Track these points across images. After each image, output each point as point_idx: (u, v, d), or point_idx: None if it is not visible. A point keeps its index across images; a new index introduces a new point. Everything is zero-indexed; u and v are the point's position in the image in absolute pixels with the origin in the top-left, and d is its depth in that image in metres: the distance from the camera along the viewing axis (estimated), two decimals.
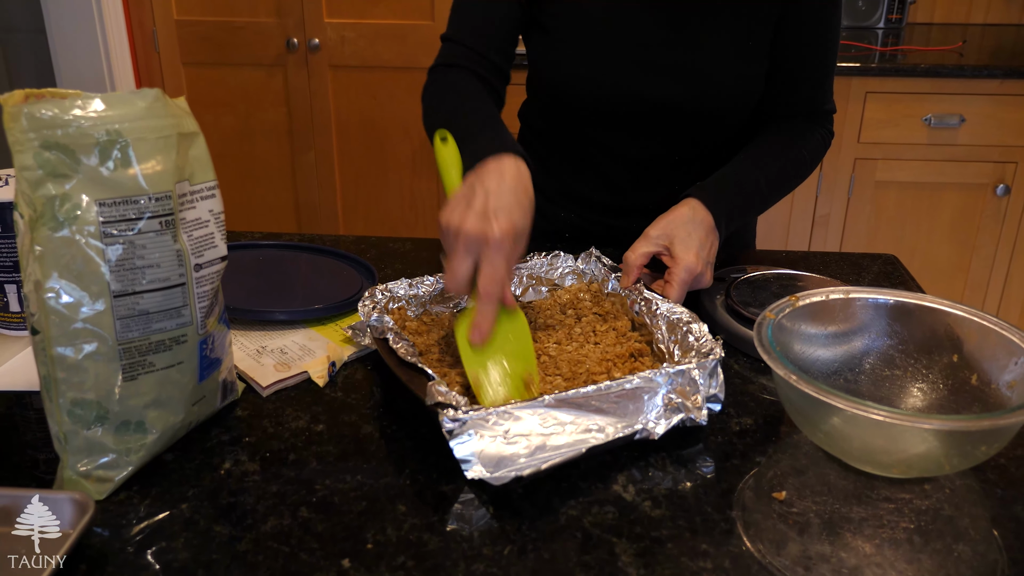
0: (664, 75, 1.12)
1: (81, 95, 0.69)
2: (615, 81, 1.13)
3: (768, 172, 1.12)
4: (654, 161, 1.20)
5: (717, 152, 1.20)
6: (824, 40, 1.15)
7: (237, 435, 0.83)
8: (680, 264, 0.97)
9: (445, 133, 0.96)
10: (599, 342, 0.94)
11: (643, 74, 1.13)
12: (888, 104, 2.40)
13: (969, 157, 2.45)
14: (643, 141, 1.19)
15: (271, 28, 2.57)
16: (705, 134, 1.18)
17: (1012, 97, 2.38)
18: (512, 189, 0.87)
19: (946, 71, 2.37)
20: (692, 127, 1.17)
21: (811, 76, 1.17)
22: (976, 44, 2.66)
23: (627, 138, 1.19)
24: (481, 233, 0.82)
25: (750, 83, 1.14)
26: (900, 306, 0.85)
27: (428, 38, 2.53)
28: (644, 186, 1.22)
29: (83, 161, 0.68)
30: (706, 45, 1.11)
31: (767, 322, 0.80)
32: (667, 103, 1.14)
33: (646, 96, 1.14)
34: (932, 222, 2.53)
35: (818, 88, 1.18)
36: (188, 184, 0.75)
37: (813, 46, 1.14)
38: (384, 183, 2.71)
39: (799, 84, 1.17)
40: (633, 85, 1.13)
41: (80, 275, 0.70)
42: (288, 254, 1.18)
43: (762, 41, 1.13)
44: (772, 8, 1.11)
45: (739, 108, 1.16)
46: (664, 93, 1.13)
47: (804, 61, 1.15)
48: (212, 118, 2.70)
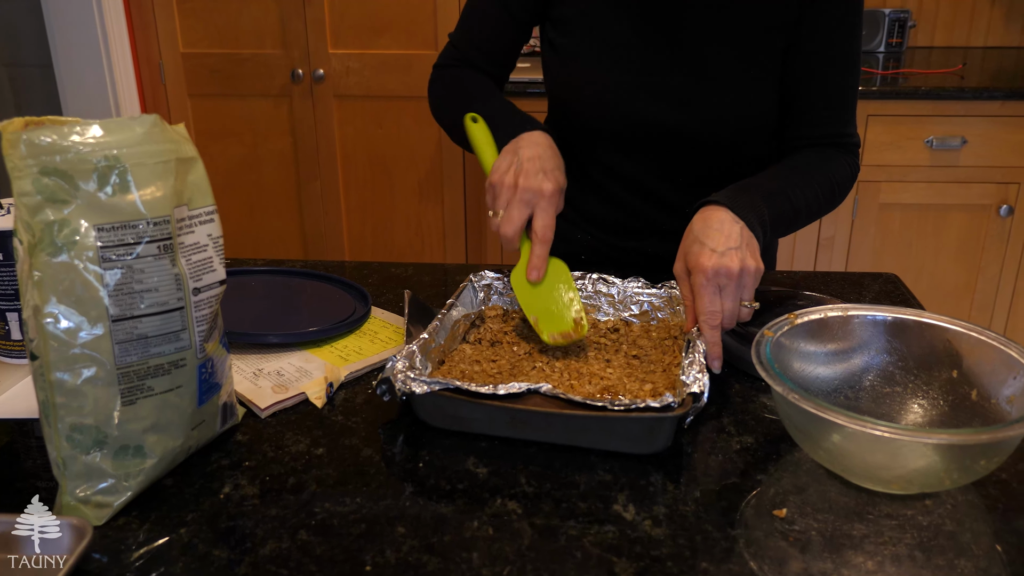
0: (668, 100, 1.13)
1: (80, 122, 0.70)
2: (621, 104, 1.14)
3: (792, 183, 1.07)
4: (663, 184, 1.20)
5: (729, 178, 1.14)
6: (841, 74, 1.11)
7: (237, 459, 0.83)
8: (694, 271, 0.92)
9: (475, 115, 1.06)
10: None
11: (648, 98, 1.13)
12: (890, 127, 2.41)
13: (972, 178, 2.45)
14: (650, 164, 1.19)
15: (276, 59, 2.60)
16: (711, 160, 1.17)
17: (1013, 118, 2.38)
18: (551, 155, 1.02)
19: (947, 93, 2.37)
20: (697, 153, 1.16)
21: (827, 108, 1.13)
22: (977, 66, 2.67)
23: (635, 161, 1.19)
24: (538, 188, 0.98)
25: (754, 112, 1.13)
26: (898, 323, 0.85)
27: None
28: (655, 208, 1.22)
29: (81, 186, 0.69)
30: (710, 72, 1.11)
31: (765, 340, 0.79)
32: (671, 128, 1.14)
33: (651, 120, 1.14)
34: (937, 243, 2.53)
35: (835, 121, 1.14)
36: (187, 209, 0.76)
37: (826, 78, 1.11)
38: (390, 211, 2.73)
39: (816, 116, 1.13)
40: (638, 109, 1.14)
41: (79, 300, 0.70)
42: (285, 279, 1.18)
43: (768, 71, 1.11)
44: (778, 39, 1.10)
45: (744, 136, 1.14)
46: (668, 118, 1.13)
47: (817, 93, 1.12)
48: (219, 149, 2.73)
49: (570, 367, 0.92)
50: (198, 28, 2.61)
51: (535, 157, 1.00)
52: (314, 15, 2.54)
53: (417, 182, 2.69)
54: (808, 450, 0.78)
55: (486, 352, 0.96)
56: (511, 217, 0.98)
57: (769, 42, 1.10)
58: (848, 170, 1.14)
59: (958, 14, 2.90)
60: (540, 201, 0.98)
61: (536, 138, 1.03)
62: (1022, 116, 2.38)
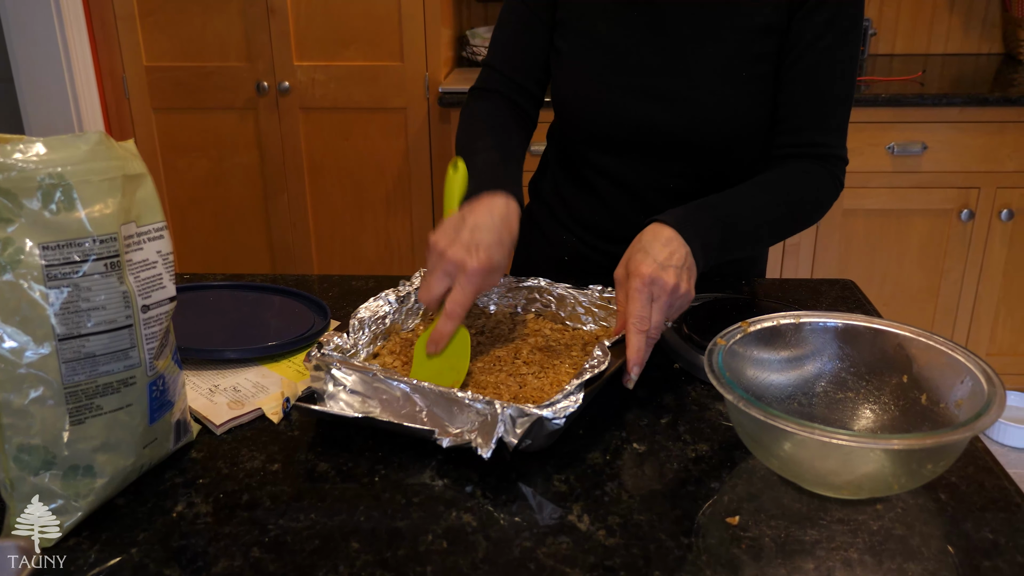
0: (659, 102, 1.13)
1: (23, 139, 0.69)
2: (613, 104, 1.15)
3: (754, 203, 1.07)
4: (652, 189, 1.21)
5: (718, 185, 1.15)
6: (825, 82, 1.10)
7: (191, 477, 0.82)
8: (632, 274, 0.93)
9: (458, 161, 1.05)
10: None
11: (639, 100, 1.14)
12: (852, 133, 2.40)
13: (933, 184, 2.48)
14: (640, 167, 1.19)
15: (241, 72, 2.59)
16: (699, 165, 1.17)
17: (972, 124, 2.42)
18: (497, 227, 0.97)
19: (907, 100, 2.41)
20: (686, 156, 1.16)
21: (812, 117, 1.11)
22: (936, 73, 2.71)
23: (625, 163, 1.20)
24: (461, 262, 0.94)
25: (744, 115, 1.12)
26: (849, 329, 0.86)
27: (398, 79, 2.55)
28: (642, 213, 1.22)
29: (25, 204, 0.69)
30: (700, 76, 1.12)
31: (718, 349, 0.80)
32: (661, 130, 1.14)
33: (642, 121, 1.15)
34: (900, 248, 2.56)
35: (820, 131, 1.11)
36: (135, 226, 0.76)
37: (813, 87, 1.10)
38: (358, 223, 2.72)
39: (800, 124, 1.12)
40: (630, 110, 1.15)
41: (24, 319, 0.70)
42: (243, 294, 1.18)
43: (759, 77, 1.11)
44: (768, 44, 1.10)
45: (732, 141, 1.14)
46: (658, 119, 1.14)
47: (800, 100, 1.11)
48: (185, 163, 2.71)
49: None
50: (162, 41, 2.59)
51: (477, 227, 0.96)
52: (279, 27, 2.53)
53: (385, 194, 2.68)
54: (761, 458, 0.79)
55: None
56: (428, 285, 0.95)
57: (759, 47, 1.10)
58: (827, 185, 1.12)
59: (918, 22, 2.95)
60: (460, 276, 0.94)
61: (493, 205, 0.99)
62: (981, 122, 2.42)
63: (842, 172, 1.14)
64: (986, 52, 2.96)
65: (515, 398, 0.88)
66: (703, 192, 1.11)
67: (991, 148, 2.44)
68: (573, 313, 1.07)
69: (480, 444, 0.79)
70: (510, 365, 0.96)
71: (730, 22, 1.10)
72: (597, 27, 1.15)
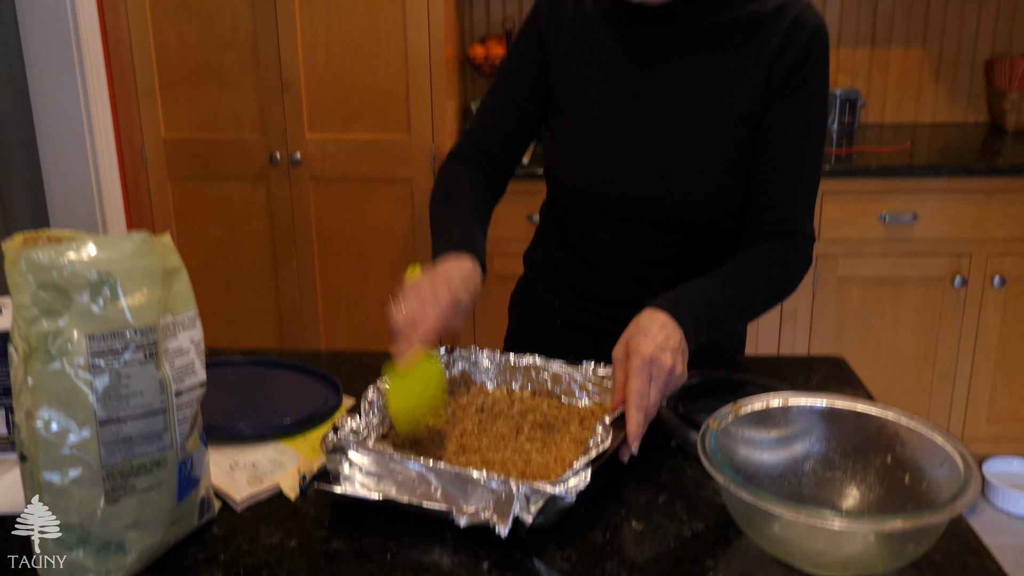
0: (646, 180, 1.22)
1: (75, 238, 0.76)
2: (604, 181, 1.24)
3: (734, 285, 1.15)
4: (638, 257, 1.28)
5: (699, 255, 1.25)
6: (794, 168, 1.19)
7: (213, 553, 0.87)
8: (633, 354, 0.99)
9: (416, 266, 1.14)
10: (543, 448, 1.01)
11: (628, 177, 1.23)
12: (845, 203, 2.52)
13: (925, 251, 2.55)
14: (627, 238, 1.27)
15: (255, 144, 2.68)
16: (684, 238, 1.25)
17: (960, 193, 2.50)
18: (464, 278, 1.10)
19: (897, 171, 2.49)
20: (670, 229, 1.24)
21: (781, 197, 1.20)
22: (925, 143, 2.80)
23: (614, 233, 1.28)
24: (432, 292, 1.06)
25: (724, 196, 1.21)
26: (835, 411, 0.91)
27: (405, 151, 2.64)
28: (629, 280, 1.30)
29: (75, 299, 0.75)
30: (682, 157, 1.21)
31: (710, 431, 0.85)
32: (647, 205, 1.23)
33: (630, 197, 1.23)
34: (896, 316, 2.62)
35: (790, 210, 1.20)
36: (171, 315, 0.82)
37: (783, 172, 1.19)
38: (364, 290, 2.78)
39: (772, 205, 1.20)
40: (619, 186, 1.24)
41: (68, 404, 0.75)
42: (259, 370, 1.24)
43: (737, 160, 1.20)
44: (744, 130, 1.19)
45: (713, 217, 1.22)
46: (645, 195, 1.23)
47: (774, 182, 1.19)
48: (197, 230, 2.79)
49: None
50: (180, 114, 2.69)
51: (448, 272, 1.09)
52: (292, 101, 2.63)
53: (390, 262, 2.75)
54: (753, 537, 0.83)
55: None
56: (399, 307, 1.05)
57: (738, 133, 1.19)
58: (799, 264, 1.20)
59: (905, 93, 3.05)
60: (430, 303, 1.04)
61: (461, 262, 1.13)
62: (969, 191, 2.50)
63: (810, 249, 1.22)
64: (972, 121, 3.06)
65: (522, 475, 0.93)
66: (687, 261, 1.23)
67: (980, 216, 2.52)
68: (568, 389, 1.13)
69: (497, 522, 0.84)
70: (513, 442, 1.01)
71: (713, 110, 1.19)
72: (591, 112, 1.25)
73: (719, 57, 1.19)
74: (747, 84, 1.18)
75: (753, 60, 1.18)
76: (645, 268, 1.28)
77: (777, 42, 1.17)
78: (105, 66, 2.68)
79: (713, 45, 1.19)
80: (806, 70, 1.17)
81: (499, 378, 1.16)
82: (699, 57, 1.19)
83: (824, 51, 1.18)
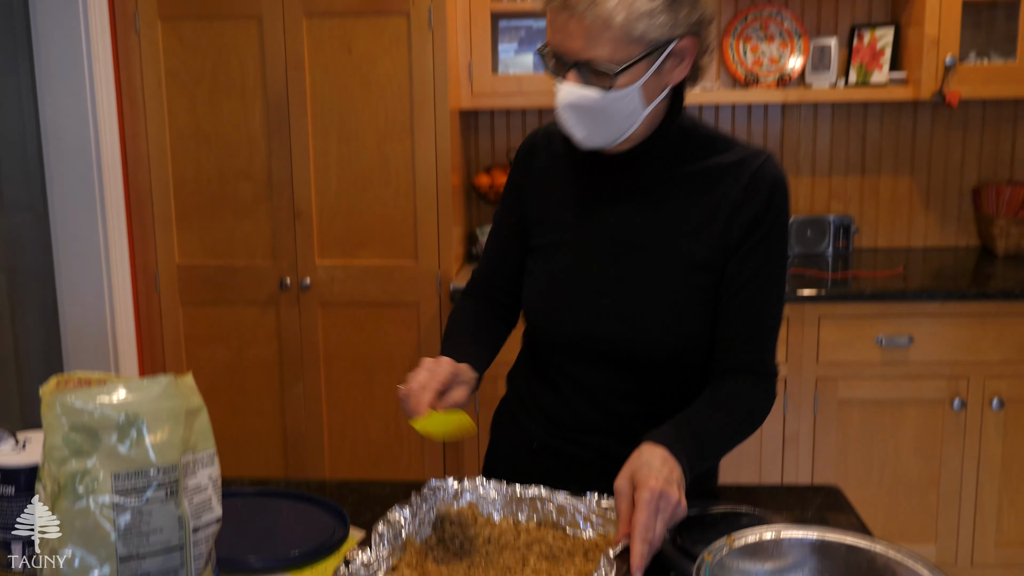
0: (605, 316, 1.30)
1: (107, 382, 0.81)
2: (572, 319, 1.32)
3: (716, 420, 1.22)
4: (603, 390, 1.34)
5: (664, 390, 1.32)
6: (758, 314, 1.27)
7: None
8: (641, 486, 1.04)
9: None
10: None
11: (594, 316, 1.30)
12: (841, 326, 2.58)
13: (923, 374, 2.59)
14: (595, 372, 1.34)
15: (266, 270, 2.78)
16: (651, 375, 1.31)
17: (954, 317, 2.56)
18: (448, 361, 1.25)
19: (891, 295, 2.56)
20: (635, 366, 1.31)
21: (748, 342, 1.28)
22: (918, 267, 2.89)
23: (583, 368, 1.34)
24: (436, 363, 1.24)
25: (683, 336, 1.28)
26: (825, 544, 0.94)
27: (412, 277, 2.73)
28: (597, 410, 1.36)
29: (104, 440, 0.80)
30: (646, 299, 1.28)
31: (705, 564, 0.88)
32: (612, 343, 1.30)
33: (596, 335, 1.30)
34: (897, 438, 2.63)
35: (756, 352, 1.28)
36: (192, 454, 0.86)
37: (748, 318, 1.27)
38: (370, 414, 2.82)
39: (738, 347, 1.28)
40: (586, 324, 1.31)
41: (91, 541, 0.79)
42: (266, 501, 1.27)
43: (697, 303, 1.27)
44: (705, 278, 1.27)
45: (675, 356, 1.29)
46: (603, 331, 1.30)
47: (740, 327, 1.27)
48: (206, 354, 2.85)
49: None
50: (194, 241, 2.80)
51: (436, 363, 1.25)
52: (304, 229, 2.74)
53: (396, 385, 2.80)
54: None
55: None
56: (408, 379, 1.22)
57: (697, 279, 1.27)
58: (764, 398, 1.29)
59: (896, 218, 3.16)
60: (436, 372, 1.22)
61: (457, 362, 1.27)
62: (962, 315, 2.56)
63: (774, 385, 1.30)
64: (963, 245, 3.15)
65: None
66: (653, 395, 1.31)
67: (974, 339, 2.57)
68: (572, 520, 1.16)
69: None
70: (520, 574, 1.04)
71: (672, 257, 1.27)
72: (559, 253, 1.34)
73: (680, 206, 1.27)
74: (706, 234, 1.26)
75: (713, 212, 1.26)
76: (613, 401, 1.34)
77: (737, 195, 1.25)
78: (124, 195, 2.80)
79: (674, 194, 1.28)
80: (766, 223, 1.25)
81: (505, 509, 1.19)
82: (660, 205, 1.28)
83: (783, 203, 1.27)
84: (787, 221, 1.28)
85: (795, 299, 2.52)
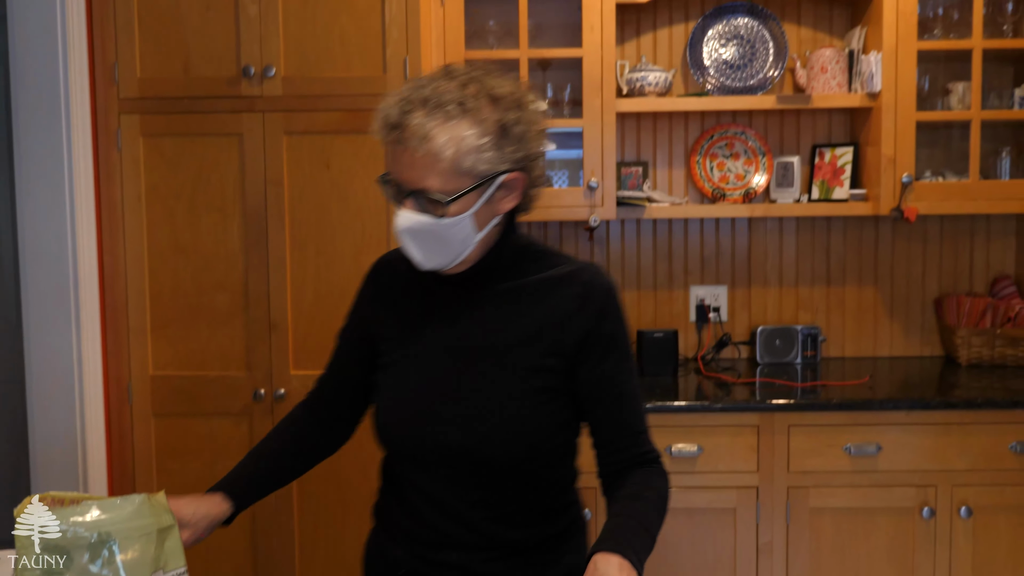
0: (448, 423, 1.34)
1: (81, 503, 0.83)
2: (417, 429, 1.37)
3: (642, 512, 1.28)
4: (458, 501, 1.37)
5: (514, 496, 1.36)
6: (628, 415, 1.36)
7: None
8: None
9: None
10: None
11: (438, 424, 1.35)
12: (810, 435, 2.61)
13: (891, 482, 2.62)
14: (446, 483, 1.37)
15: (240, 381, 2.78)
16: (493, 478, 1.35)
17: (920, 426, 2.60)
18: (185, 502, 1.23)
19: (858, 404, 2.61)
20: (479, 471, 1.35)
21: (625, 440, 1.36)
22: (885, 377, 2.95)
23: (433, 479, 1.38)
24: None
25: (529, 440, 1.33)
26: None
27: None
28: (450, 521, 1.38)
29: (75, 560, 0.81)
30: (482, 401, 1.34)
31: None
32: (458, 450, 1.34)
33: (441, 443, 1.35)
34: (869, 546, 2.64)
35: (635, 446, 1.37)
36: (162, 572, 0.87)
37: (619, 421, 1.36)
38: (343, 526, 2.78)
39: (620, 447, 1.36)
40: (427, 433, 1.36)
41: None
42: None
43: (541, 405, 1.33)
44: (552, 380, 1.33)
45: (522, 461, 1.34)
46: (447, 439, 1.34)
47: (612, 432, 1.36)
48: (178, 466, 2.82)
49: None
50: (168, 352, 2.80)
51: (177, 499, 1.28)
52: (279, 340, 2.76)
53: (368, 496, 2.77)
54: None
55: None
56: None
57: (539, 381, 1.33)
58: (662, 479, 1.36)
59: (862, 328, 3.24)
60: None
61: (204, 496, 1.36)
62: (929, 424, 2.60)
63: (662, 464, 1.39)
64: (928, 355, 3.23)
65: None
66: (503, 501, 1.35)
67: (940, 448, 2.61)
68: None
69: None
70: None
71: (511, 364, 1.34)
72: (405, 367, 1.41)
73: (516, 316, 1.35)
74: (542, 341, 1.34)
75: (547, 319, 1.34)
76: (465, 509, 1.36)
77: (569, 304, 1.34)
78: (100, 307, 2.82)
79: (510, 306, 1.36)
80: (605, 332, 1.34)
81: None
82: (497, 317, 1.36)
83: (616, 307, 1.37)
84: (624, 320, 1.37)
85: (765, 408, 2.56)
